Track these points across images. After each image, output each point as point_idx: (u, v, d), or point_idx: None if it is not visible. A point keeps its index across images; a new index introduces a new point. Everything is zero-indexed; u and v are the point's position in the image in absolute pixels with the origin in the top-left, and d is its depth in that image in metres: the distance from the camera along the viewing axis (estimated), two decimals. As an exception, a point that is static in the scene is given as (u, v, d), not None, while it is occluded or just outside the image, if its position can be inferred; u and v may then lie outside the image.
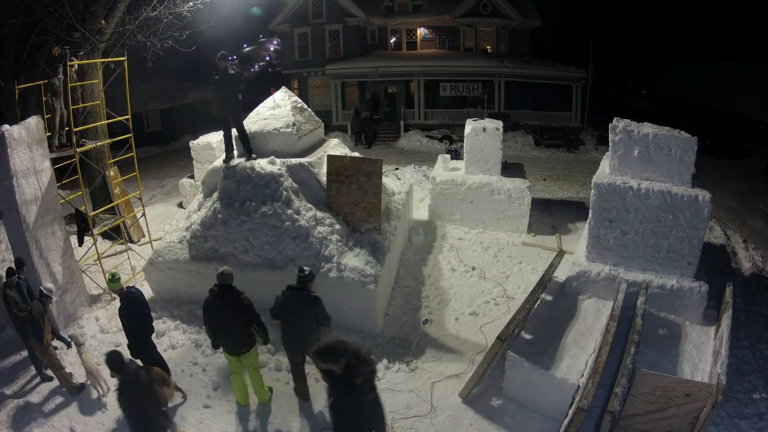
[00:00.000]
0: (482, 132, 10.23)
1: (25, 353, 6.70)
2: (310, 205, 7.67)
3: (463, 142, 10.90)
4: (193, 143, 11.68)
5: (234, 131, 8.12)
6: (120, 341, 7.08)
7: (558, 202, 12.70)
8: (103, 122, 9.43)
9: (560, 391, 5.35)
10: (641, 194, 6.48)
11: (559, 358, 5.61)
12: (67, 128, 8.18)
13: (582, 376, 5.36)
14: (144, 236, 10.39)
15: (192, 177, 11.85)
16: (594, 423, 4.85)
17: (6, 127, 6.77)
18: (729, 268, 9.19)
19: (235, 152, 8.09)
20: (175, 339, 7.09)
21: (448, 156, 11.68)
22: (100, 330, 7.32)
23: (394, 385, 6.17)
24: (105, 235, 9.77)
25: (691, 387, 4.61)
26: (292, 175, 7.85)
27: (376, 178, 7.61)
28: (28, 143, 7.10)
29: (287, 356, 5.75)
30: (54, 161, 7.95)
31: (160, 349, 6.33)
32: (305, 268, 5.45)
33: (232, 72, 7.62)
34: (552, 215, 11.20)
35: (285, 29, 25.57)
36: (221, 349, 5.69)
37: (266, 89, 27.81)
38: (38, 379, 6.39)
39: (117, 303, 7.95)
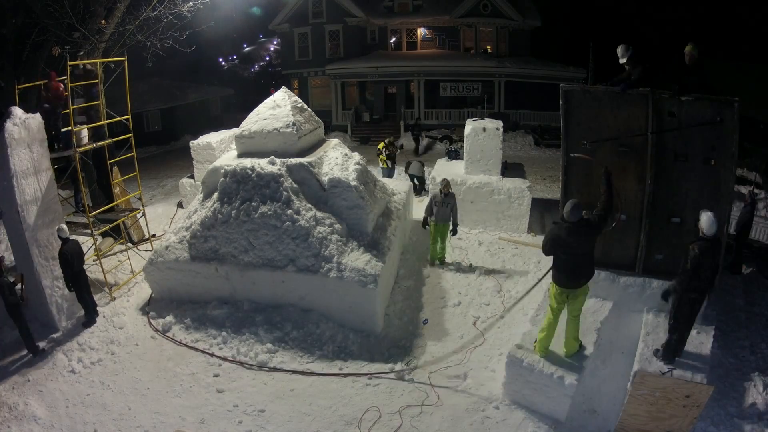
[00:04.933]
0: (482, 132, 10.23)
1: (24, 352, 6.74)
2: (310, 205, 7.67)
3: (463, 142, 10.90)
4: (193, 143, 11.67)
5: None
6: (122, 339, 7.11)
7: (558, 202, 12.67)
8: (103, 122, 9.42)
9: (560, 391, 5.35)
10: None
11: (558, 358, 5.60)
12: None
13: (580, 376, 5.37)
14: (144, 236, 10.39)
15: (192, 177, 11.85)
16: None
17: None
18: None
19: None
20: (177, 338, 7.09)
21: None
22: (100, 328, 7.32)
23: (395, 384, 6.17)
24: (105, 235, 9.76)
25: (691, 388, 4.61)
26: (292, 175, 7.85)
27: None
28: (28, 143, 7.10)
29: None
30: (54, 161, 7.95)
31: (161, 347, 6.33)
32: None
33: None
34: (552, 215, 11.19)
35: (285, 29, 25.59)
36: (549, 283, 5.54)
37: (266, 89, 27.81)
38: (32, 378, 6.40)
39: (117, 302, 8.01)
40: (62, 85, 8.40)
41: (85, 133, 8.78)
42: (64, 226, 7.28)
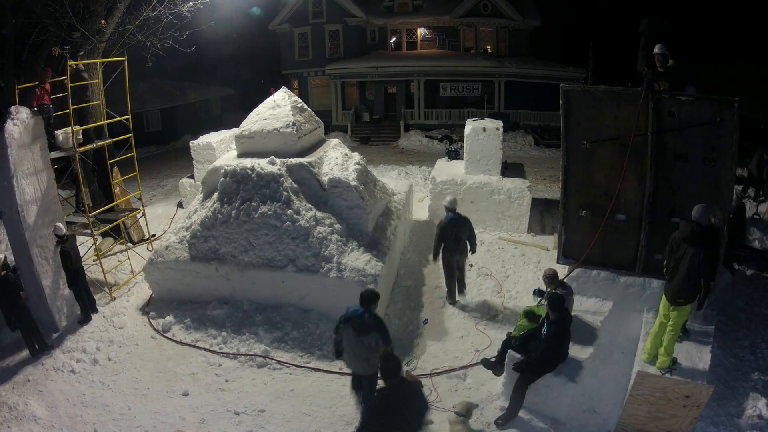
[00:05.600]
0: (482, 132, 10.23)
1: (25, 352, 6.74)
2: (310, 206, 7.68)
3: (463, 142, 10.90)
4: (193, 143, 11.67)
5: None
6: (122, 339, 7.10)
7: (558, 202, 12.67)
8: (103, 122, 9.43)
9: (560, 391, 5.35)
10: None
11: (559, 358, 5.61)
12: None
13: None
14: (144, 236, 10.40)
15: (192, 177, 11.85)
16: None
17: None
18: (729, 267, 9.18)
19: None
20: (177, 338, 7.09)
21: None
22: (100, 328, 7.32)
23: (394, 385, 6.17)
24: (105, 235, 9.76)
25: (691, 388, 4.61)
26: (292, 175, 7.85)
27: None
28: (28, 143, 7.10)
29: None
30: (54, 161, 7.95)
31: (161, 347, 6.33)
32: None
33: None
34: (552, 215, 11.19)
35: (285, 29, 25.59)
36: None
37: (266, 89, 27.81)
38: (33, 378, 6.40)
39: (117, 302, 8.00)
40: (48, 85, 8.42)
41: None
42: (61, 225, 7.31)
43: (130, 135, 9.22)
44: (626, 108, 6.27)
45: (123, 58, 9.18)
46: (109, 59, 9.61)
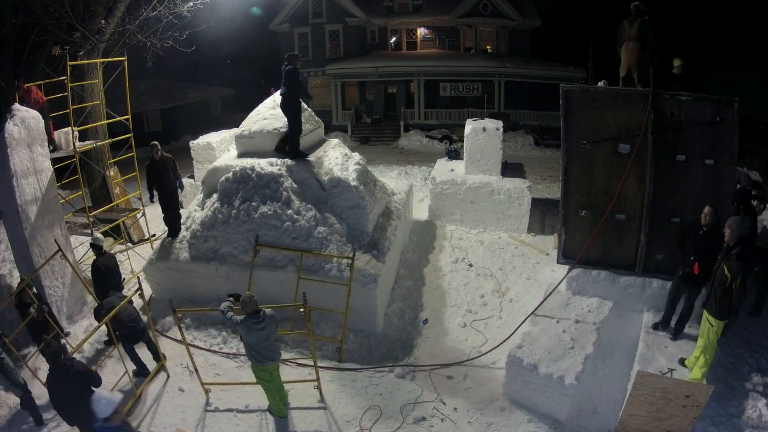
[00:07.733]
0: (482, 132, 10.24)
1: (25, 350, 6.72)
2: (310, 206, 7.68)
3: (463, 142, 10.91)
4: (193, 143, 11.68)
5: None
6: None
7: (558, 202, 12.66)
8: (103, 122, 9.44)
9: (560, 391, 5.35)
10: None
11: (558, 358, 5.61)
12: None
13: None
14: (144, 236, 10.40)
15: (192, 177, 11.85)
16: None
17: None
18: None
19: None
20: (177, 338, 7.08)
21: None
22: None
23: (395, 384, 6.18)
24: (105, 235, 9.76)
25: (691, 388, 4.61)
26: (292, 175, 7.85)
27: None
28: (28, 143, 7.10)
29: None
30: (54, 161, 7.95)
31: (161, 347, 6.33)
32: None
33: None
34: (552, 215, 11.19)
35: (285, 29, 25.59)
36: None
37: (266, 89, 27.78)
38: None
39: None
40: (35, 89, 8.37)
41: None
42: (100, 236, 7.26)
43: (130, 135, 9.23)
44: (626, 108, 6.27)
45: (123, 58, 9.19)
46: (109, 59, 9.63)
